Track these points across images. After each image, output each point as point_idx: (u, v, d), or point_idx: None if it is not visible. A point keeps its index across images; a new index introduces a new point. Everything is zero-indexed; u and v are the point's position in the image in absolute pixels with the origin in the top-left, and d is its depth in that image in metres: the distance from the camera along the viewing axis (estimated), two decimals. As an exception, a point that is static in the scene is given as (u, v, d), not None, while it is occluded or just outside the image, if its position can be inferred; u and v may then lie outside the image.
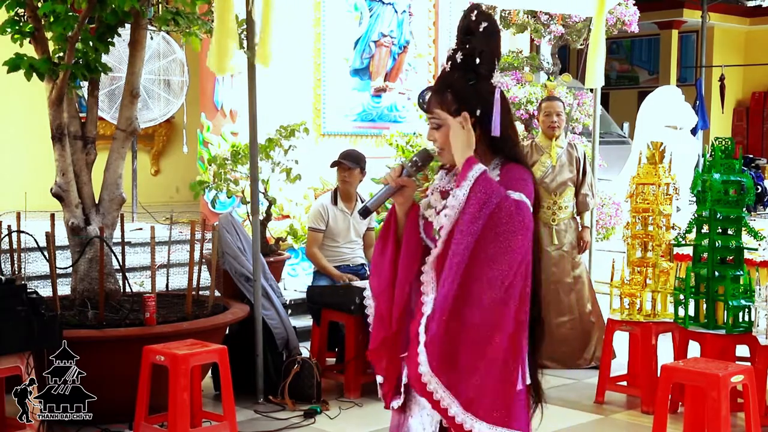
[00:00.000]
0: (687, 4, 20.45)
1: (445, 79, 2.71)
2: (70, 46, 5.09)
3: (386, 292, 2.78)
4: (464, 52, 2.67)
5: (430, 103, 2.70)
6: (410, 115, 8.95)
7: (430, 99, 2.70)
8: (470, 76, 2.67)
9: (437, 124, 2.69)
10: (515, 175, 2.63)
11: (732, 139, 5.25)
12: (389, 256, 2.79)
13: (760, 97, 22.12)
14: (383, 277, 2.80)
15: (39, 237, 5.13)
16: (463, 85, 2.66)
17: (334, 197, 6.28)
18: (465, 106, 2.64)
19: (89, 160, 5.48)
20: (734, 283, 5.05)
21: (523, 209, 2.52)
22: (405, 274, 2.76)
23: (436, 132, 2.70)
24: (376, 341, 2.81)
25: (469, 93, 2.65)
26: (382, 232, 2.85)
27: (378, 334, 2.80)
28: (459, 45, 2.69)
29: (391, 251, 2.79)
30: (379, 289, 2.81)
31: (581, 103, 8.92)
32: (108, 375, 4.80)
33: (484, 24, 2.66)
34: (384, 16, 8.84)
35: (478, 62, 2.65)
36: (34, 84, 5.41)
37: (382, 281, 2.80)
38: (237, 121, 7.89)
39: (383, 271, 2.80)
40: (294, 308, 7.15)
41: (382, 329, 2.79)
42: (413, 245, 2.77)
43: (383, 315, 2.79)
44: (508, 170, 2.65)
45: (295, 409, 5.40)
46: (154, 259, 5.41)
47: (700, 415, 4.47)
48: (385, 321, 2.78)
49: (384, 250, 2.81)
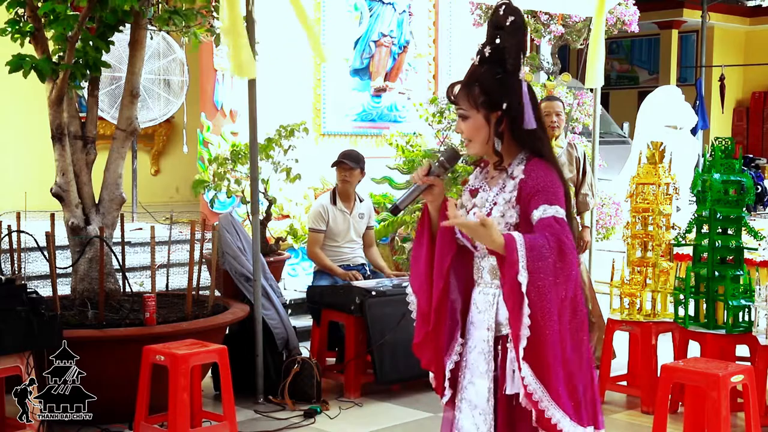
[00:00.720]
0: (687, 4, 20.45)
1: (474, 72, 2.76)
2: (70, 46, 5.09)
3: (424, 288, 2.84)
4: (492, 46, 2.72)
5: (458, 96, 2.76)
6: (410, 115, 8.95)
7: (459, 91, 2.76)
8: (498, 69, 2.72)
9: (464, 115, 2.75)
10: (544, 179, 2.66)
11: (732, 139, 5.25)
12: (425, 253, 2.85)
13: (760, 97, 22.12)
14: (420, 273, 2.86)
15: (39, 237, 5.13)
16: (491, 79, 2.71)
17: (333, 197, 6.28)
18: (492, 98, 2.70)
19: (89, 160, 5.48)
20: (734, 283, 5.05)
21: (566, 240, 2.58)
22: (439, 270, 2.81)
23: (463, 123, 2.77)
24: (419, 336, 2.88)
25: (495, 86, 2.71)
26: (417, 230, 2.91)
27: (420, 329, 2.87)
28: (488, 39, 2.74)
29: (427, 248, 2.85)
30: (418, 285, 2.87)
31: (581, 103, 8.91)
32: (108, 375, 4.80)
33: (511, 18, 2.71)
34: (384, 15, 8.84)
35: (507, 56, 2.70)
36: (34, 84, 5.41)
37: (419, 278, 2.86)
38: (237, 121, 7.89)
39: (420, 268, 2.86)
40: (294, 308, 7.15)
41: (424, 325, 2.86)
42: (446, 242, 2.82)
43: (424, 311, 2.85)
44: (533, 167, 2.69)
45: (295, 409, 5.40)
46: (154, 259, 5.41)
47: (700, 415, 4.47)
48: (426, 316, 2.85)
49: (420, 247, 2.88)
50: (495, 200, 2.73)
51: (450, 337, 2.84)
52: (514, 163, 2.74)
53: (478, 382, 2.77)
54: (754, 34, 22.13)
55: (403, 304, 5.90)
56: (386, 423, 5.24)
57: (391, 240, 7.82)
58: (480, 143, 2.76)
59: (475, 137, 2.74)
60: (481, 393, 2.77)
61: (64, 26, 5.01)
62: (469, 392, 2.80)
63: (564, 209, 2.66)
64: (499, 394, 2.73)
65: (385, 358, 5.61)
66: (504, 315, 2.72)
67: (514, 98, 2.70)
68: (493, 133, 2.72)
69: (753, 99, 22.22)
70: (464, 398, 2.82)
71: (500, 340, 2.74)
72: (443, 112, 8.29)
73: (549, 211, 2.62)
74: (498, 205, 2.71)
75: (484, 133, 2.73)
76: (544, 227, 2.60)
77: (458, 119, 2.78)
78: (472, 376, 2.80)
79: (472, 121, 2.73)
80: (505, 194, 2.72)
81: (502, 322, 2.73)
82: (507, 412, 2.71)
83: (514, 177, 2.72)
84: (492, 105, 2.71)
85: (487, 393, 2.75)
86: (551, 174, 2.69)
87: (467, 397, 2.80)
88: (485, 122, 2.72)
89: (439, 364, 2.86)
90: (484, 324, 2.78)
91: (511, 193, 2.71)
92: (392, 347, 5.61)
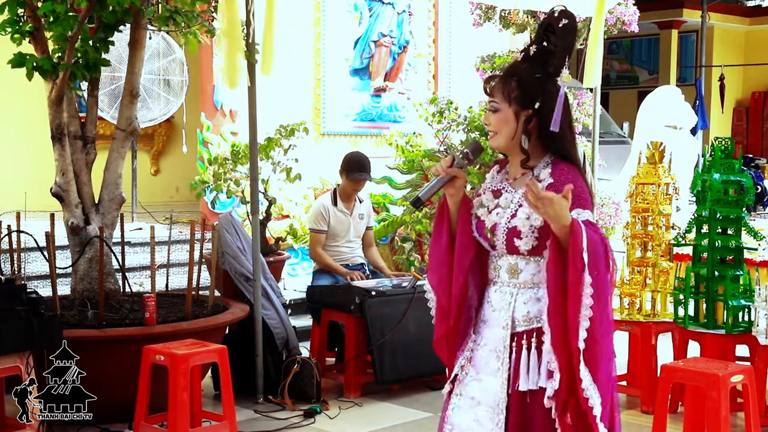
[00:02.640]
0: (687, 4, 20.44)
1: (513, 67, 2.78)
2: (70, 46, 5.09)
3: (444, 284, 2.83)
4: (539, 46, 2.74)
5: (493, 88, 2.77)
6: (410, 115, 8.94)
7: (495, 84, 2.76)
8: (538, 69, 2.74)
9: (495, 107, 2.75)
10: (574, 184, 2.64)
11: (732, 139, 5.25)
12: (444, 249, 2.84)
13: (760, 97, 22.11)
14: (440, 269, 2.85)
15: (39, 237, 5.13)
16: (529, 76, 2.73)
17: (333, 198, 6.28)
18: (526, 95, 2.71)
19: (89, 160, 5.47)
20: (734, 283, 5.05)
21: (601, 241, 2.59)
22: (459, 267, 2.81)
23: (492, 115, 2.76)
24: (440, 332, 2.87)
25: (532, 84, 2.72)
26: (435, 224, 2.89)
27: (441, 326, 2.86)
28: (536, 39, 2.76)
29: (446, 243, 2.84)
30: (438, 281, 2.86)
31: (581, 103, 8.91)
32: (108, 375, 4.80)
33: (565, 21, 2.72)
34: (384, 15, 8.84)
35: (551, 58, 2.72)
36: (34, 84, 5.41)
37: (439, 274, 2.85)
38: (237, 121, 7.89)
39: (440, 264, 2.85)
40: (294, 308, 7.15)
41: (444, 321, 2.85)
42: (467, 239, 2.82)
43: (444, 307, 2.85)
44: (562, 172, 2.71)
45: (294, 409, 5.40)
46: (154, 259, 5.41)
47: (700, 415, 4.47)
48: (447, 312, 2.84)
49: (438, 242, 2.86)
50: (520, 202, 2.72)
51: (464, 333, 2.84)
52: (540, 165, 2.74)
53: (487, 379, 2.77)
54: (754, 34, 22.12)
55: (403, 303, 5.94)
56: (386, 423, 5.24)
57: (391, 240, 7.82)
58: (505, 137, 2.75)
59: (502, 130, 2.74)
60: (490, 390, 2.76)
61: (64, 26, 5.00)
62: (472, 388, 2.79)
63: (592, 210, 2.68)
64: (512, 391, 2.72)
65: (385, 358, 5.61)
66: (521, 313, 2.73)
67: (548, 100, 2.71)
68: (521, 130, 2.73)
69: (753, 99, 22.20)
70: (463, 394, 2.81)
71: (515, 337, 2.75)
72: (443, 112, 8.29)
73: (583, 215, 2.63)
74: (524, 206, 2.70)
75: (511, 128, 2.73)
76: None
77: (488, 111, 2.78)
78: (477, 373, 2.79)
79: (502, 114, 2.73)
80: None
81: (518, 319, 2.74)
82: (519, 409, 2.71)
83: (541, 180, 2.72)
84: (525, 102, 2.71)
85: (500, 390, 2.74)
86: (579, 179, 2.71)
87: (469, 393, 2.79)
88: (514, 117, 2.73)
89: (452, 359, 2.86)
90: (500, 323, 2.77)
91: None
92: (392, 347, 5.62)
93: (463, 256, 2.80)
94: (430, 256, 2.92)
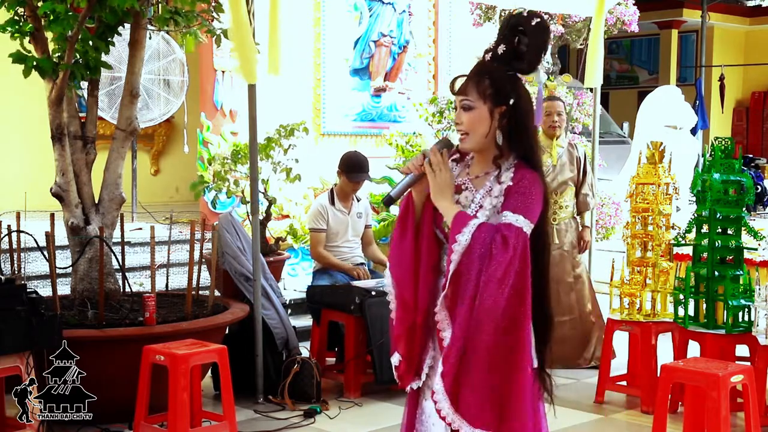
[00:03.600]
0: (687, 4, 20.45)
1: (484, 66, 2.80)
2: (70, 46, 5.09)
3: (409, 279, 2.85)
4: (508, 46, 2.77)
5: (466, 86, 2.79)
6: (410, 115, 8.95)
7: (467, 82, 2.79)
8: (509, 68, 2.78)
9: (469, 105, 2.77)
10: (526, 188, 2.71)
11: (732, 139, 5.25)
12: (409, 245, 2.86)
13: (760, 97, 22.12)
14: (405, 265, 2.86)
15: (39, 237, 5.13)
16: (501, 74, 2.77)
17: (331, 197, 6.28)
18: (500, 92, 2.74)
19: (89, 160, 5.47)
20: (734, 282, 5.05)
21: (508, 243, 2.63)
22: (428, 262, 2.84)
23: (465, 114, 2.78)
24: (402, 327, 2.88)
25: (505, 82, 2.76)
26: (399, 221, 2.90)
27: (403, 321, 2.88)
28: (504, 39, 2.78)
29: (411, 239, 2.85)
30: (402, 277, 2.87)
31: (581, 103, 8.92)
32: (108, 375, 4.80)
33: (537, 20, 2.77)
34: (384, 15, 8.84)
35: (524, 56, 2.76)
36: (34, 84, 5.42)
37: (404, 269, 2.87)
38: (237, 121, 7.90)
39: (405, 260, 2.87)
40: (294, 308, 7.15)
41: (408, 316, 2.86)
42: (434, 234, 2.85)
43: (407, 302, 2.86)
44: (521, 177, 2.74)
45: (294, 409, 5.40)
46: (154, 259, 5.41)
47: (700, 415, 4.47)
48: (410, 308, 2.85)
49: (403, 238, 2.88)
50: (481, 203, 2.76)
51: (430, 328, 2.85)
52: (504, 167, 2.77)
53: (439, 368, 2.81)
54: (754, 34, 22.13)
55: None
56: (386, 423, 5.24)
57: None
58: (479, 136, 2.78)
59: (476, 129, 2.76)
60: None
61: (64, 26, 5.00)
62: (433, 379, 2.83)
63: (532, 220, 2.69)
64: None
65: (385, 358, 5.61)
66: None
67: (521, 97, 2.76)
68: (497, 126, 2.76)
69: (753, 99, 22.21)
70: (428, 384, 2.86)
71: None
72: (443, 112, 8.30)
73: (512, 218, 2.67)
74: (484, 209, 2.74)
75: (485, 126, 2.77)
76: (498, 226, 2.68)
77: (459, 110, 2.79)
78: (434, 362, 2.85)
79: (476, 112, 2.76)
80: (491, 198, 2.76)
81: None
82: None
83: (501, 182, 2.75)
84: (499, 99, 2.75)
85: None
86: (536, 186, 2.73)
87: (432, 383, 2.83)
88: (489, 115, 2.76)
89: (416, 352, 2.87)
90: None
91: (497, 198, 2.75)
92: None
93: (431, 254, 2.84)
94: (392, 250, 2.94)
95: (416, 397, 2.92)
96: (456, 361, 2.66)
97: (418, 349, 2.85)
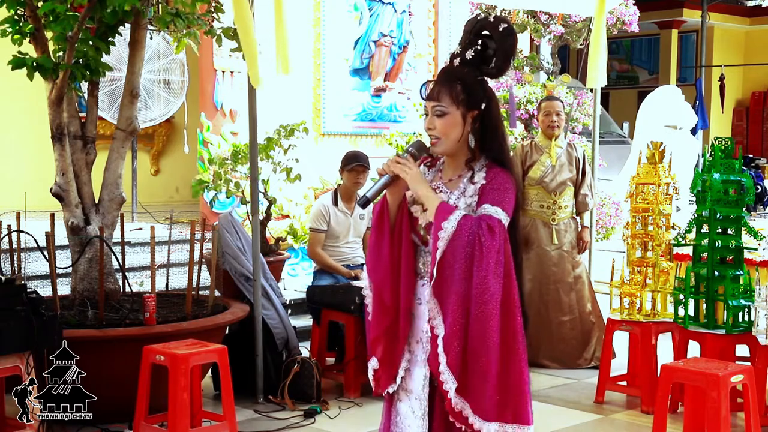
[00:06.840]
0: (687, 4, 20.46)
1: (454, 71, 2.84)
2: (70, 46, 5.09)
3: (388, 282, 2.86)
4: (476, 50, 2.81)
5: (438, 92, 2.83)
6: (410, 115, 8.95)
7: (439, 88, 2.83)
8: (478, 72, 2.83)
9: (443, 111, 2.81)
10: (500, 185, 2.77)
11: (732, 139, 5.25)
12: (386, 248, 2.87)
13: (760, 97, 22.12)
14: (383, 268, 2.87)
15: (39, 237, 5.13)
16: (473, 79, 2.82)
17: (334, 197, 6.28)
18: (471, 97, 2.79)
19: (89, 160, 5.48)
20: (734, 282, 5.05)
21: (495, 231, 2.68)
22: (406, 264, 2.85)
23: (438, 120, 2.83)
24: (379, 329, 2.89)
25: (476, 86, 2.81)
26: (376, 223, 2.92)
27: (381, 323, 2.88)
28: (469, 44, 2.83)
29: (388, 242, 2.87)
30: (380, 279, 2.88)
31: (581, 103, 8.92)
32: (108, 375, 4.80)
33: (504, 25, 2.80)
34: (384, 15, 8.84)
35: (491, 61, 2.81)
36: (34, 84, 5.41)
37: (382, 272, 2.87)
38: (237, 121, 7.89)
39: (382, 263, 2.88)
40: (294, 308, 7.15)
41: (386, 318, 2.87)
42: (410, 238, 2.88)
43: (386, 304, 2.87)
44: (494, 176, 2.79)
45: (295, 409, 5.40)
46: (154, 259, 5.41)
47: (700, 415, 4.47)
48: (389, 310, 2.86)
49: (380, 241, 2.89)
50: (456, 204, 2.80)
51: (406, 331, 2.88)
52: (476, 168, 2.83)
53: (415, 370, 2.86)
54: (754, 34, 22.13)
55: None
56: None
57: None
58: (452, 141, 2.83)
59: (449, 134, 2.81)
60: (417, 380, 2.85)
61: (64, 26, 5.00)
62: (407, 380, 2.88)
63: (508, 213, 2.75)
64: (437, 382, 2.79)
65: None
66: None
67: (491, 101, 2.82)
68: (469, 130, 2.82)
69: (753, 99, 22.22)
70: (405, 389, 2.89)
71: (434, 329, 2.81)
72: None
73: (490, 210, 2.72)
74: (459, 209, 2.77)
75: (458, 131, 2.82)
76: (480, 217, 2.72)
77: (431, 116, 2.84)
78: (409, 364, 2.88)
79: (450, 117, 2.81)
80: (466, 198, 2.80)
81: None
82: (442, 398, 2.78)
83: (475, 182, 2.81)
84: (471, 104, 2.80)
85: (424, 380, 2.84)
86: (509, 183, 2.79)
87: (405, 385, 2.88)
88: (462, 120, 2.81)
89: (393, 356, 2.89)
90: (425, 315, 2.83)
91: (472, 198, 2.80)
92: (392, 347, 5.61)
93: (408, 257, 2.86)
94: (369, 254, 2.95)
95: (390, 401, 2.96)
96: (460, 349, 2.69)
97: (398, 351, 2.88)
